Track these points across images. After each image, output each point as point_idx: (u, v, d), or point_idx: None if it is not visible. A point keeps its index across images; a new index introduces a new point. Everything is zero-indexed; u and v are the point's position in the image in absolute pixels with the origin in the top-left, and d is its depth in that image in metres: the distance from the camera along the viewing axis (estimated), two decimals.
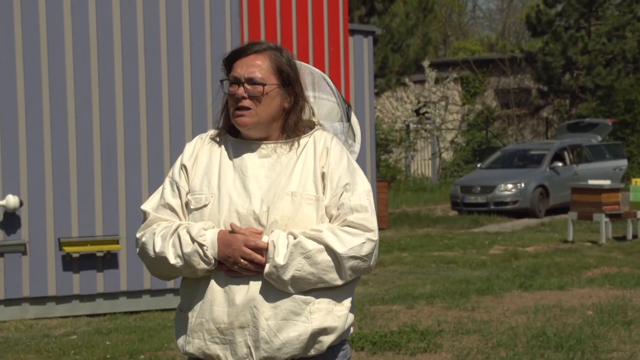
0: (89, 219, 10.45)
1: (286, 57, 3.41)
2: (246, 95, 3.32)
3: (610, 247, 16.13)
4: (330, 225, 3.27)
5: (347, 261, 3.23)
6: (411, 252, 16.20)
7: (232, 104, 3.36)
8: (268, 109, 3.34)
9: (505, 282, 11.53)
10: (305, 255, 3.20)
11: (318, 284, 3.23)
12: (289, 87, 3.38)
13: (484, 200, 22.89)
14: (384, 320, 8.86)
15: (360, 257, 3.25)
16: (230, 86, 3.36)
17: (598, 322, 8.52)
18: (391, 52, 26.54)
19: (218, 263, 3.25)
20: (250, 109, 3.32)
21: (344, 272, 3.25)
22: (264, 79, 3.33)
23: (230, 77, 3.36)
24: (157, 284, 10.68)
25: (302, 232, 3.23)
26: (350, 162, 3.40)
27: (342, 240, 3.23)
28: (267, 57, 3.37)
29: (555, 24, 33.69)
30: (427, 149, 33.88)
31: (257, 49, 3.38)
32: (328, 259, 3.22)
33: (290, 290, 3.22)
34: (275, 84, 3.35)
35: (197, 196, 3.33)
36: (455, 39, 51.68)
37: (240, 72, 3.34)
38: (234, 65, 3.37)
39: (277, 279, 3.20)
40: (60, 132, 10.35)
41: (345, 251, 3.23)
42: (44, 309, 10.49)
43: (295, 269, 3.19)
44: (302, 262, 3.19)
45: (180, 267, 3.27)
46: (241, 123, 3.34)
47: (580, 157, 24.63)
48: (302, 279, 3.21)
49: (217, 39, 10.87)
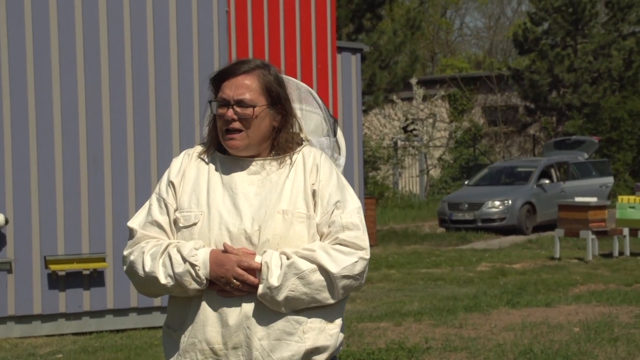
0: (75, 237, 10.41)
1: (274, 75, 3.38)
2: (236, 118, 3.29)
3: (597, 264, 16.15)
4: (322, 244, 3.25)
5: (340, 280, 3.22)
6: (399, 269, 16.19)
7: (221, 126, 3.32)
8: (258, 130, 3.31)
9: (493, 299, 11.52)
10: (299, 275, 3.18)
11: (311, 303, 3.22)
12: (278, 106, 3.36)
13: (472, 217, 22.92)
14: (371, 338, 8.84)
15: (352, 276, 3.24)
16: (219, 107, 3.32)
17: (585, 338, 8.52)
18: (379, 70, 26.59)
19: (210, 283, 3.23)
20: (240, 131, 3.29)
21: (337, 291, 3.24)
22: (254, 100, 3.30)
23: (219, 99, 3.32)
24: (144, 302, 10.63)
25: (295, 252, 3.21)
26: (340, 178, 3.38)
27: (335, 260, 3.22)
28: (256, 77, 3.33)
29: (541, 42, 33.84)
30: (414, 166, 33.91)
31: (245, 69, 3.34)
32: (321, 278, 3.21)
33: (282, 311, 3.20)
34: (265, 105, 3.32)
35: (185, 214, 3.30)
36: (443, 57, 51.83)
37: (230, 93, 3.30)
38: (223, 86, 3.33)
39: (271, 299, 3.18)
40: (46, 149, 10.32)
41: (338, 271, 3.21)
42: (29, 327, 10.43)
43: (289, 290, 3.18)
44: (295, 282, 3.18)
45: (171, 287, 3.24)
46: (232, 146, 3.31)
47: (567, 174, 24.69)
48: (295, 299, 3.19)
49: (205, 56, 10.87)
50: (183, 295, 3.27)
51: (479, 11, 62.24)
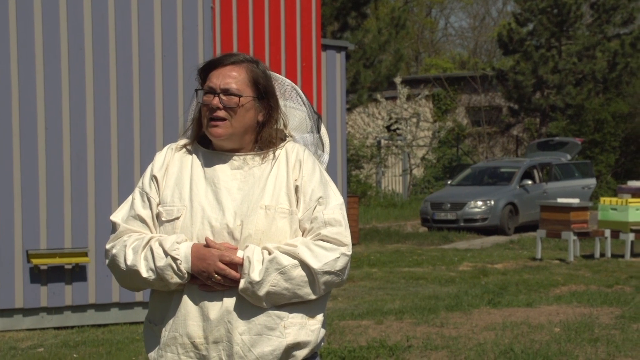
0: (58, 231, 10.39)
1: (262, 70, 3.40)
2: (221, 106, 3.30)
3: (578, 265, 16.21)
4: (304, 239, 3.26)
5: (321, 276, 3.23)
6: (381, 268, 16.21)
7: (206, 114, 3.34)
8: (242, 121, 3.32)
9: (474, 298, 11.56)
10: (281, 271, 3.19)
11: (292, 298, 3.23)
12: (264, 100, 3.37)
13: (454, 217, 22.97)
14: (353, 336, 8.85)
15: (334, 272, 3.26)
16: (204, 96, 3.34)
17: (565, 339, 8.56)
18: (363, 68, 26.61)
19: (191, 277, 3.23)
20: (224, 119, 3.30)
21: (318, 287, 3.25)
22: (240, 90, 3.31)
23: (206, 87, 3.34)
24: (126, 297, 10.62)
25: (277, 247, 3.22)
26: (323, 174, 3.39)
27: (316, 256, 3.23)
28: (244, 69, 3.35)
29: (526, 43, 33.92)
30: (397, 165, 33.96)
31: (233, 60, 3.36)
32: (303, 274, 3.22)
33: (264, 305, 3.21)
34: (251, 96, 3.33)
35: (168, 208, 3.31)
36: (427, 56, 51.90)
37: (216, 82, 3.32)
38: (210, 75, 3.35)
39: (252, 294, 3.19)
40: (29, 143, 10.29)
41: (320, 266, 3.22)
42: (10, 321, 10.40)
43: (270, 285, 3.18)
44: (277, 277, 3.19)
45: (152, 280, 3.24)
46: (215, 134, 3.32)
47: (550, 176, 24.78)
48: (276, 294, 3.20)
49: (190, 51, 10.86)
50: (165, 289, 3.27)
51: (464, 11, 62.38)
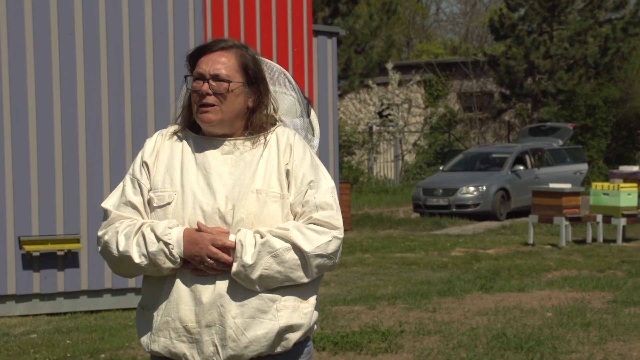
0: (50, 218, 10.38)
1: (251, 55, 3.39)
2: (211, 92, 3.29)
3: (570, 250, 16.25)
4: (296, 223, 3.26)
5: (313, 259, 3.24)
6: (373, 254, 16.23)
7: (195, 100, 3.33)
8: (232, 106, 3.32)
9: (466, 283, 11.57)
10: (273, 254, 3.19)
11: (285, 282, 3.23)
12: (254, 86, 3.37)
13: (446, 203, 22.99)
14: (345, 321, 8.87)
15: (326, 255, 3.26)
16: (194, 82, 3.33)
17: (557, 323, 8.58)
18: (354, 54, 26.59)
19: (183, 262, 3.24)
20: (214, 105, 3.30)
21: (310, 270, 3.25)
22: (229, 75, 3.31)
23: (195, 73, 3.34)
24: (118, 283, 10.63)
25: (269, 231, 3.22)
26: (314, 158, 3.40)
27: (308, 239, 3.23)
28: (233, 54, 3.35)
29: (518, 28, 33.90)
30: (389, 151, 33.96)
31: (222, 46, 3.36)
32: (295, 257, 3.22)
33: (257, 289, 3.21)
34: (240, 82, 3.33)
35: (159, 194, 3.31)
36: (419, 42, 51.85)
37: (205, 68, 3.31)
38: (199, 62, 3.35)
39: (245, 278, 3.19)
40: (20, 130, 10.27)
41: (312, 249, 3.23)
42: (3, 307, 10.40)
43: (263, 268, 3.19)
44: (269, 260, 3.19)
45: (145, 266, 3.25)
46: (205, 119, 3.31)
47: (542, 161, 24.81)
48: (269, 278, 3.21)
49: (180, 37, 10.84)
50: (157, 274, 3.27)
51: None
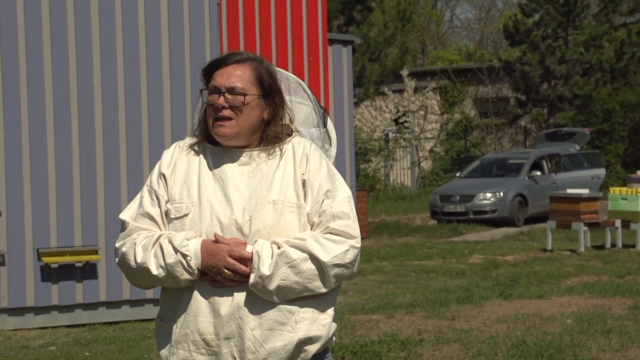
0: (68, 229, 10.40)
1: (266, 68, 3.39)
2: (227, 105, 3.29)
3: (589, 255, 16.17)
4: (313, 233, 3.26)
5: (331, 269, 3.23)
6: (391, 262, 16.19)
7: (211, 114, 3.32)
8: (248, 119, 3.32)
9: (485, 291, 11.53)
10: (290, 264, 3.19)
11: (303, 292, 3.22)
12: (269, 98, 3.36)
13: (463, 209, 22.93)
14: (364, 330, 8.84)
15: (344, 264, 3.25)
16: (210, 95, 3.33)
17: (578, 330, 8.53)
18: (369, 62, 26.58)
19: (201, 273, 3.23)
20: (230, 119, 3.29)
21: (328, 280, 3.24)
22: (245, 89, 3.30)
23: (210, 87, 3.33)
24: (136, 294, 10.63)
25: (286, 241, 3.21)
26: (330, 168, 3.39)
27: (325, 249, 3.22)
28: (248, 67, 3.34)
29: (533, 34, 33.81)
30: (406, 158, 33.92)
31: (237, 59, 3.35)
32: (312, 267, 3.21)
33: (275, 300, 3.20)
34: (256, 95, 3.32)
35: (177, 205, 3.30)
36: (434, 49, 51.82)
37: (221, 81, 3.31)
38: (214, 75, 3.34)
39: (263, 289, 3.18)
40: (38, 142, 10.30)
41: (329, 259, 3.22)
42: (22, 319, 10.42)
43: (280, 279, 3.18)
44: (287, 271, 3.18)
45: (162, 277, 3.24)
46: (221, 134, 3.31)
47: (559, 166, 24.72)
48: (287, 288, 3.20)
49: (197, 48, 10.86)
50: (175, 286, 3.27)
51: (470, 3, 62.25)
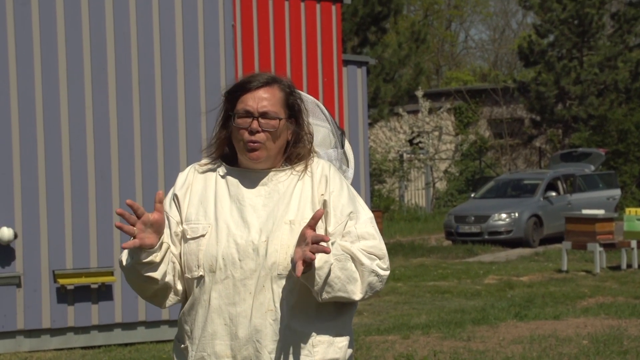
0: (84, 251, 10.42)
1: (290, 88, 3.38)
2: (260, 130, 3.27)
3: (605, 276, 16.12)
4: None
5: (368, 275, 3.24)
6: (406, 282, 16.17)
7: (242, 137, 3.30)
8: (278, 143, 3.32)
9: (501, 311, 11.51)
10: (337, 257, 3.18)
11: (339, 292, 3.20)
12: (293, 119, 3.36)
13: (478, 230, 22.90)
14: (379, 351, 8.83)
15: (378, 275, 3.27)
16: (239, 119, 3.30)
17: (594, 351, 8.50)
18: (383, 83, 26.61)
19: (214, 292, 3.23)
20: (262, 142, 3.29)
21: (363, 286, 3.24)
22: (277, 113, 3.30)
23: (241, 111, 3.30)
24: (152, 315, 10.64)
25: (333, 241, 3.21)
26: (350, 190, 3.39)
27: (366, 256, 3.25)
28: (277, 89, 3.33)
29: (547, 54, 33.82)
30: (420, 179, 33.91)
31: (266, 81, 3.33)
32: (354, 269, 3.22)
33: (316, 290, 3.17)
34: (285, 117, 3.32)
35: (193, 225, 3.30)
36: (448, 69, 51.86)
37: (253, 105, 3.28)
38: (243, 98, 3.31)
39: (319, 276, 3.15)
40: (54, 164, 10.34)
41: (369, 264, 3.24)
42: (38, 341, 10.44)
43: (328, 267, 3.16)
44: (334, 262, 3.17)
45: (130, 267, 3.22)
46: (254, 157, 3.29)
47: (574, 187, 24.66)
48: (330, 281, 3.18)
49: (211, 70, 10.89)
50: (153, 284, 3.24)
51: (484, 24, 62.33)
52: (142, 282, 3.27)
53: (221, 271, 3.25)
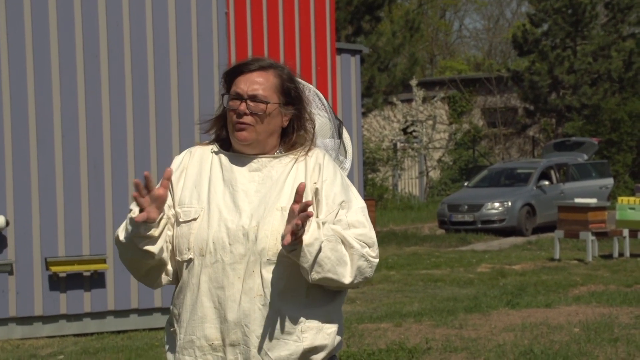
0: (76, 238, 10.43)
1: (289, 76, 3.39)
2: (248, 112, 3.29)
3: (597, 265, 16.16)
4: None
5: (358, 259, 3.23)
6: (399, 271, 16.20)
7: (232, 119, 3.33)
8: (268, 127, 3.33)
9: (493, 300, 11.53)
10: (328, 238, 3.18)
11: (329, 274, 3.19)
12: (289, 106, 3.37)
13: (471, 219, 22.93)
14: (372, 339, 8.85)
15: (367, 260, 3.26)
16: (231, 101, 3.33)
17: (585, 339, 8.53)
18: (378, 72, 26.59)
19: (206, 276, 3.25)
20: (251, 125, 3.31)
21: (352, 271, 3.23)
22: (267, 97, 3.31)
23: (232, 92, 3.33)
24: (145, 303, 10.65)
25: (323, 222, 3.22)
26: (344, 179, 3.39)
27: (356, 241, 3.25)
28: (272, 74, 3.35)
29: (541, 44, 33.83)
30: (414, 168, 33.93)
31: (261, 65, 3.35)
32: (344, 251, 3.22)
33: (309, 270, 3.16)
34: (277, 103, 3.33)
35: (186, 209, 3.31)
36: (442, 59, 51.84)
37: (244, 88, 3.31)
38: (237, 80, 3.34)
39: (310, 253, 3.15)
40: (46, 151, 10.34)
41: (359, 248, 3.24)
42: (30, 329, 10.45)
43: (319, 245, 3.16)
44: (325, 242, 3.18)
45: (127, 243, 3.23)
46: (241, 138, 3.31)
47: (567, 176, 24.70)
48: (320, 260, 3.17)
49: (204, 58, 10.88)
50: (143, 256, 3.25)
51: (478, 13, 62.35)
52: (138, 257, 3.27)
53: (211, 255, 3.25)
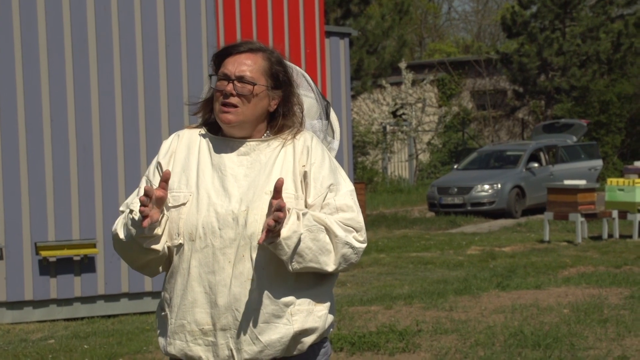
0: (66, 223, 10.41)
1: (278, 59, 3.38)
2: (234, 93, 3.28)
3: (586, 246, 16.20)
4: (328, 215, 3.27)
5: (342, 247, 3.23)
6: (389, 253, 16.22)
7: (218, 100, 3.32)
8: (254, 109, 3.32)
9: (483, 282, 11.56)
10: (309, 228, 3.18)
11: (310, 262, 3.20)
12: (278, 90, 3.36)
13: (461, 201, 22.96)
14: (362, 321, 8.86)
15: (353, 247, 3.26)
16: (218, 82, 3.32)
17: (574, 320, 8.56)
18: (366, 55, 26.55)
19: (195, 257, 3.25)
20: (236, 106, 3.29)
21: (336, 259, 3.24)
22: (254, 78, 3.30)
23: (220, 73, 3.33)
24: (135, 287, 10.65)
25: (306, 212, 3.21)
26: (332, 162, 3.39)
27: (340, 227, 3.24)
28: (260, 57, 3.34)
29: (530, 26, 33.81)
30: (404, 151, 33.93)
31: (250, 47, 3.35)
32: (327, 240, 3.22)
33: (285, 258, 3.17)
34: (264, 86, 3.32)
35: (175, 194, 3.30)
36: (431, 41, 51.79)
37: (231, 69, 3.30)
38: (225, 62, 3.34)
39: (287, 245, 3.15)
40: (35, 136, 10.31)
41: (343, 236, 3.23)
42: (20, 313, 10.44)
43: (297, 237, 3.16)
44: (305, 233, 3.18)
45: (128, 241, 3.25)
46: (225, 120, 3.31)
47: (556, 158, 24.74)
48: (301, 251, 3.18)
49: (193, 39, 10.86)
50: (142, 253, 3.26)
51: None
52: (142, 255, 3.29)
53: (201, 240, 3.25)
